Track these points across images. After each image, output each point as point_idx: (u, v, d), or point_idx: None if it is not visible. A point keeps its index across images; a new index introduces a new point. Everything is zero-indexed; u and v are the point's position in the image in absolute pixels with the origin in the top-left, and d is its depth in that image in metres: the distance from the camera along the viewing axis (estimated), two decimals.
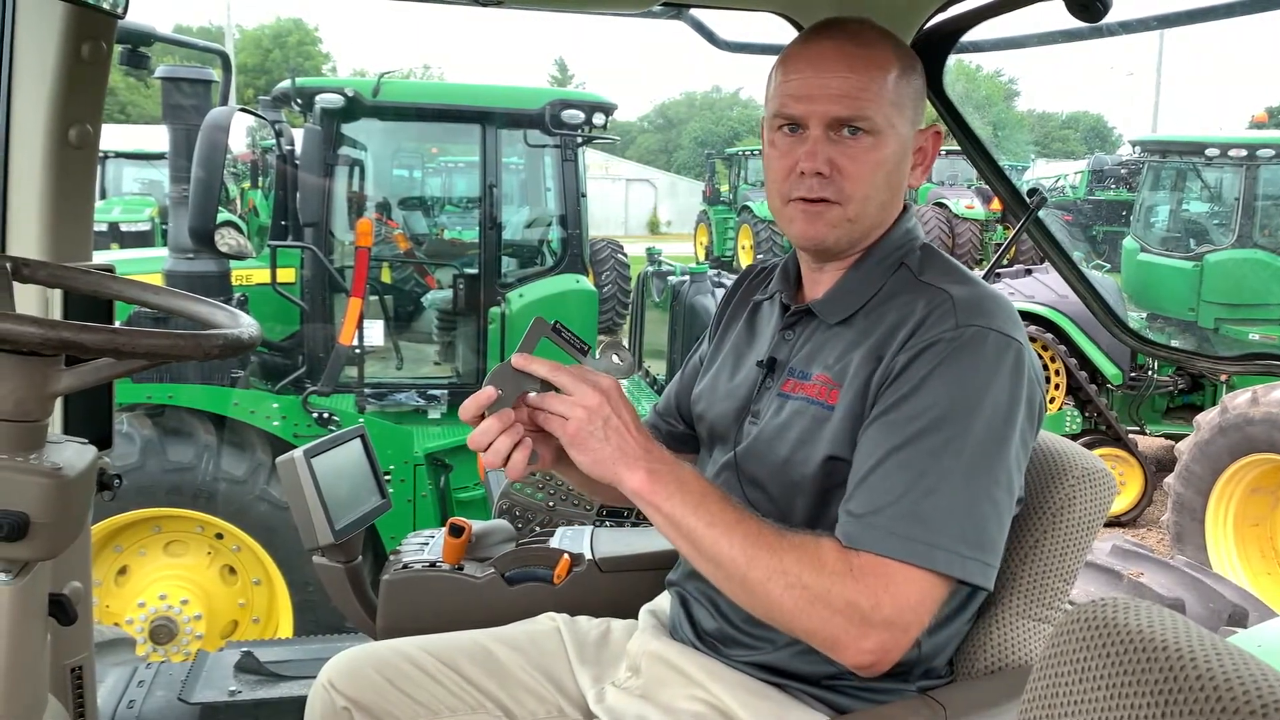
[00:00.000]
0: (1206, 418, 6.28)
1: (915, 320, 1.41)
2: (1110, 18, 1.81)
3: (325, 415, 4.91)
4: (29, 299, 1.75)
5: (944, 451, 1.31)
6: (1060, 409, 7.97)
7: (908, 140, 1.50)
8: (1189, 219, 9.47)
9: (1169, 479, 6.48)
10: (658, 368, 7.40)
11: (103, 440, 1.85)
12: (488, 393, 1.38)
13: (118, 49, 2.99)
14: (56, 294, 1.79)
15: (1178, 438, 7.36)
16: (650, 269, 7.95)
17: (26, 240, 1.80)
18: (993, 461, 1.33)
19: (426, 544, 2.13)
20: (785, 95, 1.48)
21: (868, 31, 1.49)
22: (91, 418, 1.85)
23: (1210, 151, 8.76)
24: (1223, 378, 7.89)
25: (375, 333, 5.57)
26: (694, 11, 2.31)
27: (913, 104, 1.51)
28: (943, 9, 2.04)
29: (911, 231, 1.57)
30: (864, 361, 1.43)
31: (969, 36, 2.15)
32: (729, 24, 2.38)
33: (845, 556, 1.31)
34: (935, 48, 2.13)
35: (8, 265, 1.44)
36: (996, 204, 17.52)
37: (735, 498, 1.43)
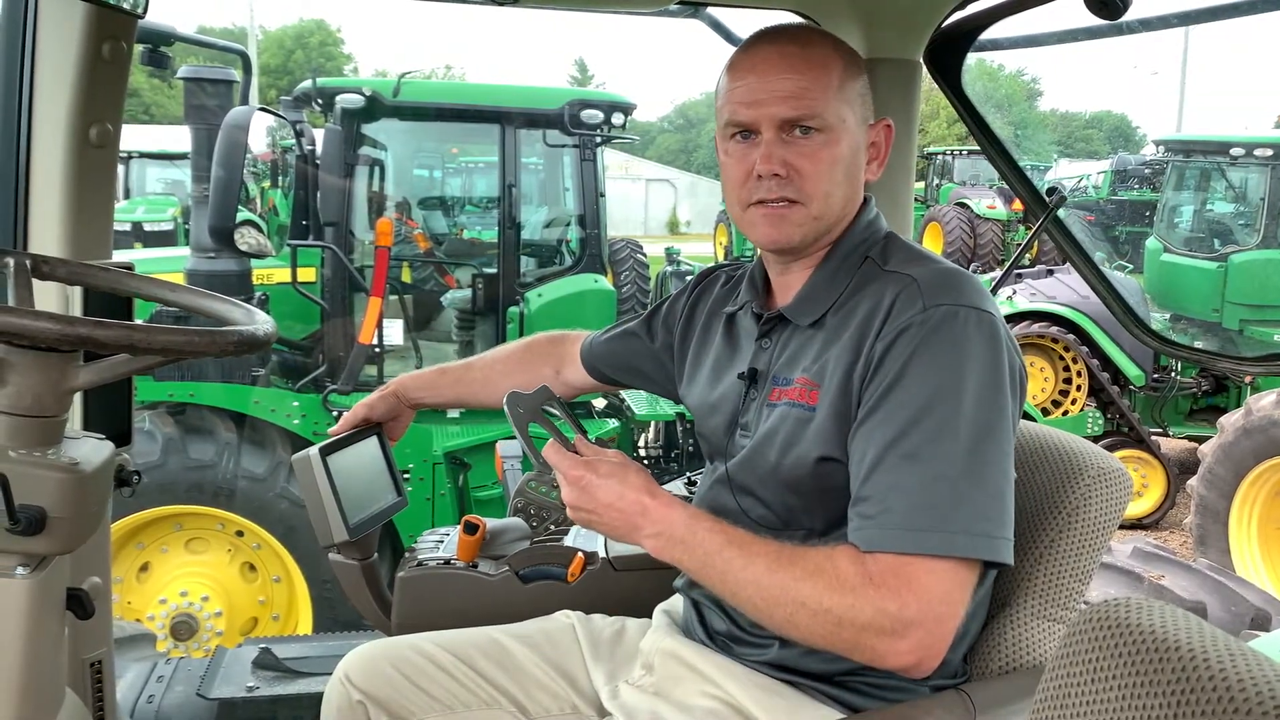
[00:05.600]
0: (1230, 420, 6.22)
1: (885, 308, 1.41)
2: (1131, 15, 1.80)
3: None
4: (49, 296, 1.77)
5: (941, 434, 1.30)
6: (1082, 410, 7.91)
7: (859, 136, 1.52)
8: (1213, 219, 9.39)
9: (1192, 481, 6.42)
10: None
11: (121, 437, 1.87)
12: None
13: (138, 49, 3.01)
14: (76, 291, 1.81)
15: (1201, 440, 7.30)
16: (669, 269, 7.96)
17: (47, 238, 1.82)
18: (991, 434, 1.32)
19: (442, 541, 2.13)
20: (734, 103, 1.49)
21: (806, 33, 1.52)
22: (111, 414, 1.87)
23: (1235, 151, 8.68)
24: (1247, 379, 7.81)
25: (395, 332, 5.58)
26: (711, 10, 2.31)
27: (860, 100, 1.52)
28: (960, 7, 2.03)
29: (874, 223, 1.57)
30: (841, 356, 1.43)
31: (988, 34, 2.14)
32: (746, 22, 2.37)
33: (863, 565, 1.30)
34: (954, 46, 2.12)
35: (28, 262, 1.45)
36: (1019, 204, 17.42)
37: (739, 521, 1.46)
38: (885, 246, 1.54)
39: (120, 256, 2.01)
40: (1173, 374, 8.00)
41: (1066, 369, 7.94)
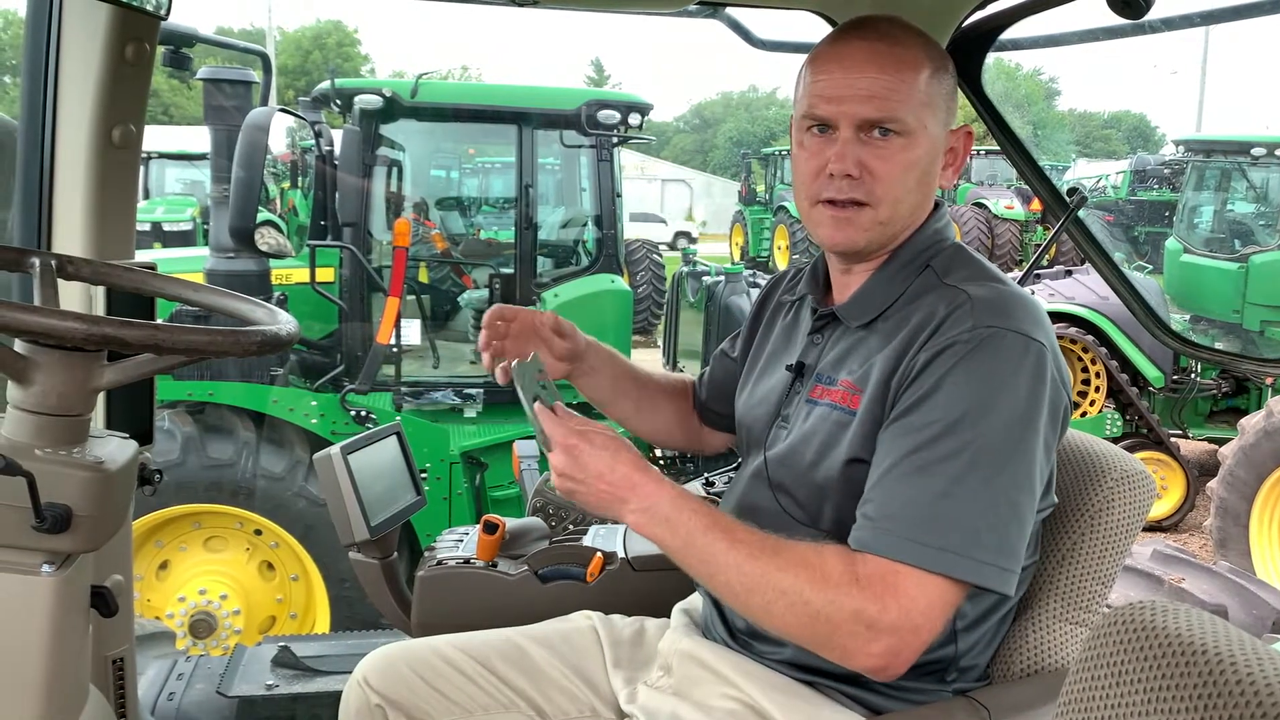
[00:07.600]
0: (1251, 421, 6.17)
1: (935, 322, 1.39)
2: (1153, 14, 1.78)
3: (363, 413, 4.95)
4: (73, 296, 1.78)
5: (959, 455, 1.30)
6: (1101, 412, 7.86)
7: (939, 140, 1.49)
8: (1234, 219, 9.33)
9: (1212, 483, 6.37)
10: (692, 368, 7.40)
11: (144, 435, 1.88)
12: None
13: (160, 50, 3.03)
14: (100, 291, 1.82)
15: (1221, 442, 7.24)
16: (685, 269, 7.95)
17: (71, 238, 1.83)
18: (1010, 465, 1.31)
19: (461, 541, 2.14)
20: (815, 96, 1.46)
21: (898, 30, 1.47)
22: (133, 413, 1.88)
23: (1256, 151, 8.63)
24: (1268, 381, 7.75)
25: (412, 332, 5.61)
26: (730, 10, 2.30)
27: (944, 103, 1.48)
28: (980, 7, 2.02)
29: (941, 232, 1.54)
30: (884, 363, 1.42)
31: (1007, 34, 2.13)
32: (765, 22, 2.37)
33: (851, 565, 1.30)
34: (973, 45, 2.11)
35: (52, 263, 1.46)
36: (1036, 204, 17.33)
37: (778, 519, 1.46)
38: (949, 258, 1.51)
39: (140, 256, 2.02)
40: (1192, 375, 7.94)
41: (1085, 370, 7.89)
